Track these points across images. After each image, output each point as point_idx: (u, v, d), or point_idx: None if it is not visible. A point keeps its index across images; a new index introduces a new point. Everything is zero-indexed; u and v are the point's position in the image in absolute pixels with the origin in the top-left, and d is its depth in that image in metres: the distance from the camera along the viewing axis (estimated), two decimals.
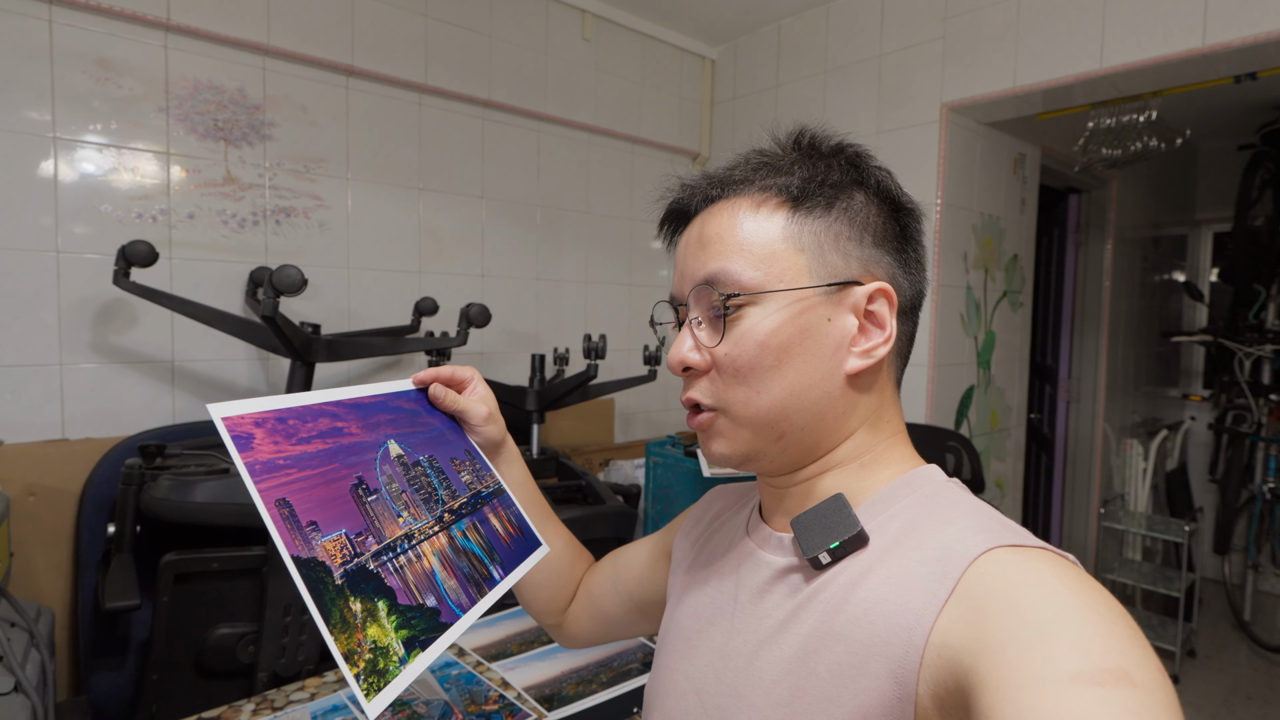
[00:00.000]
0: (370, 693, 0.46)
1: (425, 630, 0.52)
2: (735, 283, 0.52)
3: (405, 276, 1.96)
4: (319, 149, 1.79)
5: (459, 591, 0.56)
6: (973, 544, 0.43)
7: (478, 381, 0.72)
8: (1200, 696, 2.64)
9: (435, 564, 0.57)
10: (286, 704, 1.02)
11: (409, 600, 0.52)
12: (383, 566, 0.53)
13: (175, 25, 1.56)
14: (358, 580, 0.50)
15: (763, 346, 0.51)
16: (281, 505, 0.50)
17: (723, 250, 0.53)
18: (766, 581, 0.54)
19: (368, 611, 0.49)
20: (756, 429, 0.53)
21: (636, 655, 1.20)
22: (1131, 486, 3.22)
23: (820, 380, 0.52)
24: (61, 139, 1.47)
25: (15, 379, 1.45)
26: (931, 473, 0.53)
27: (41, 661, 1.12)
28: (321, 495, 0.53)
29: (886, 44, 2.16)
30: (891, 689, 0.42)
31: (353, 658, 0.46)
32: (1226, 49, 1.59)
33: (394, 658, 0.48)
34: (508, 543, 0.65)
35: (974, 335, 2.29)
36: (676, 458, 1.75)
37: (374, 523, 0.55)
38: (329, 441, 0.56)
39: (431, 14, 1.95)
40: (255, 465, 0.50)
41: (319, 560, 0.49)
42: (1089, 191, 3.14)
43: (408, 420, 0.65)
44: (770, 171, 0.54)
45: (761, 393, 0.52)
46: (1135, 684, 0.33)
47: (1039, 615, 0.36)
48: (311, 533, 0.50)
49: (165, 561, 1.21)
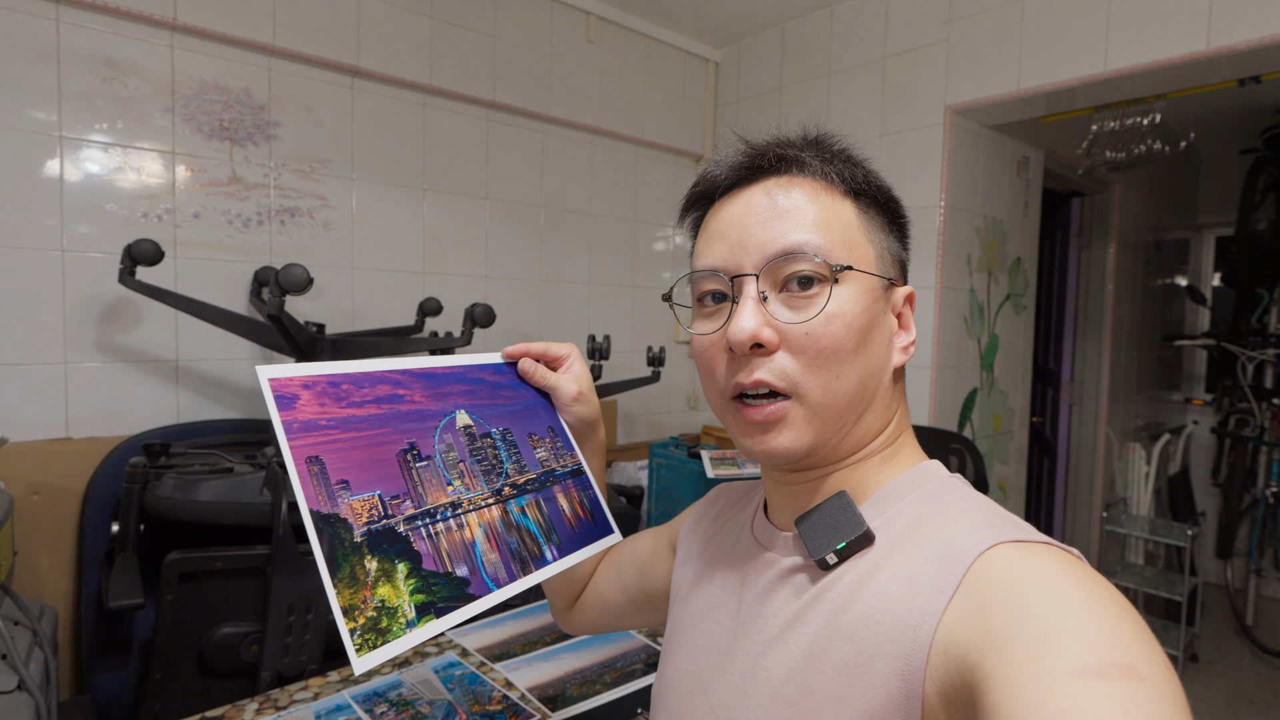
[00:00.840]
0: (363, 649, 0.45)
1: (446, 598, 0.51)
2: (825, 258, 0.49)
3: (409, 277, 1.96)
4: (324, 149, 1.80)
5: (498, 566, 0.55)
6: (977, 540, 0.43)
7: (574, 359, 0.71)
8: (1203, 701, 2.63)
9: (479, 535, 0.56)
10: (290, 703, 1.02)
11: (435, 567, 0.51)
12: (414, 530, 0.52)
13: (181, 25, 1.57)
14: (380, 540, 0.49)
15: (849, 328, 0.49)
16: (312, 462, 0.49)
17: (804, 223, 0.50)
18: (772, 581, 0.53)
19: (384, 571, 0.48)
20: (830, 418, 0.50)
21: (640, 656, 1.20)
22: (1134, 490, 3.22)
23: (879, 371, 0.52)
24: (67, 138, 1.47)
25: (20, 378, 1.45)
26: (934, 468, 0.54)
27: (45, 660, 1.12)
28: (361, 457, 0.52)
29: (890, 47, 2.17)
30: (898, 687, 0.42)
31: (352, 613, 0.46)
32: (1230, 52, 1.59)
33: (401, 619, 0.48)
34: (573, 524, 0.64)
35: (977, 338, 2.29)
36: (680, 459, 1.74)
37: (416, 488, 0.54)
38: (384, 407, 0.56)
39: (436, 15, 1.96)
40: (293, 424, 0.50)
41: (340, 517, 0.48)
42: (1092, 195, 3.14)
43: (488, 392, 0.65)
44: (826, 159, 0.54)
45: (842, 377, 0.49)
46: (1142, 678, 0.32)
47: (1044, 610, 0.36)
48: (339, 490, 0.50)
49: (169, 560, 1.21)
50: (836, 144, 0.56)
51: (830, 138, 0.56)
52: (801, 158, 0.53)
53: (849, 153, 0.56)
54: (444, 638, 1.25)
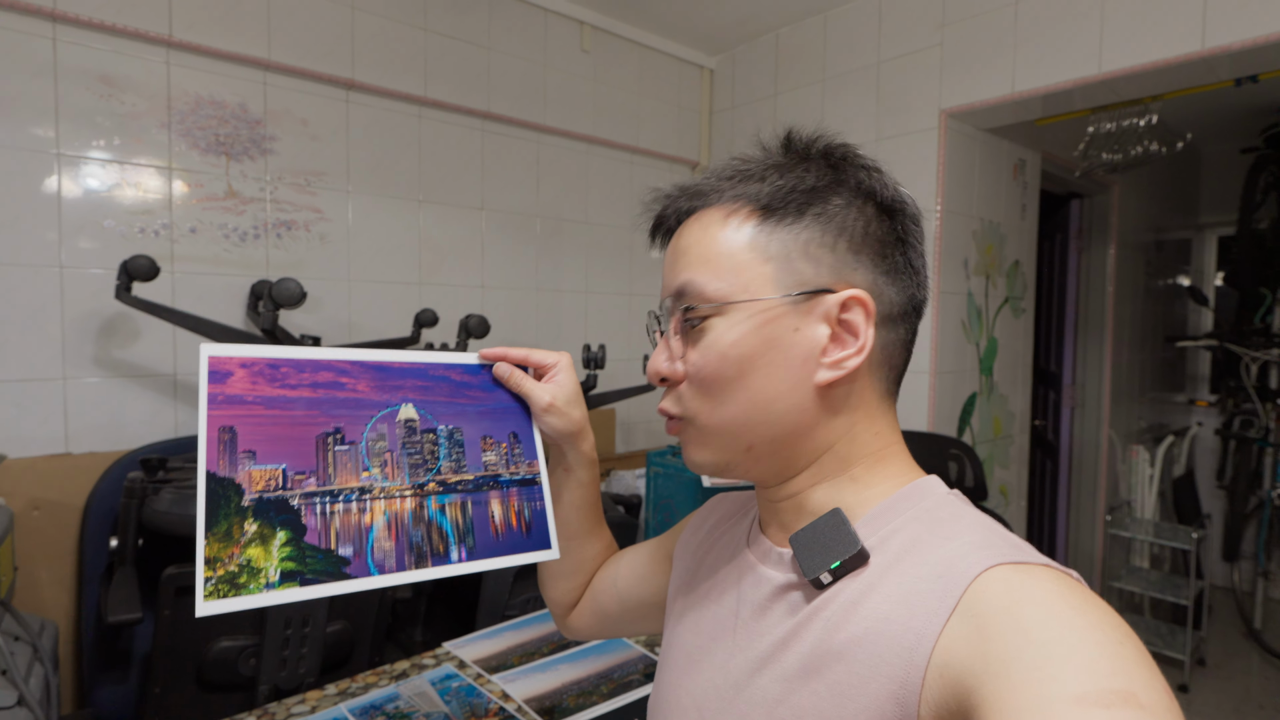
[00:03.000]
0: (212, 595, 0.49)
1: (317, 572, 0.53)
2: (700, 294, 0.52)
3: (405, 288, 1.97)
4: (319, 162, 1.81)
5: (389, 554, 0.57)
6: (975, 561, 0.42)
7: (560, 370, 0.69)
8: (1210, 705, 2.61)
9: (379, 522, 0.58)
10: (288, 716, 1.02)
11: (317, 541, 0.54)
12: (309, 505, 0.55)
13: (177, 41, 1.58)
14: (268, 508, 0.53)
15: (724, 358, 0.51)
16: (224, 431, 0.53)
17: (690, 262, 0.53)
18: (766, 598, 0.53)
19: (261, 535, 0.52)
20: (721, 440, 0.53)
21: (638, 667, 1.20)
22: (1138, 493, 3.20)
23: (787, 392, 0.51)
24: (65, 155, 1.49)
25: (19, 393, 1.46)
26: (932, 485, 0.52)
27: (45, 675, 1.12)
28: (277, 433, 0.55)
29: (884, 52, 2.17)
30: (893, 709, 0.41)
31: (214, 563, 0.49)
32: (1226, 52, 1.59)
33: (262, 579, 0.51)
34: (498, 532, 0.64)
35: (976, 342, 2.28)
36: (677, 467, 1.74)
37: (327, 468, 0.56)
38: (319, 392, 0.58)
39: (431, 27, 1.97)
40: (218, 396, 0.54)
41: (234, 481, 0.52)
42: (1090, 196, 3.13)
43: (449, 390, 0.65)
44: (743, 180, 0.53)
45: (724, 404, 0.52)
46: (1142, 705, 0.32)
47: (1043, 635, 0.36)
48: (243, 459, 0.53)
49: (167, 575, 1.21)
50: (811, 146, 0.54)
51: (809, 139, 0.55)
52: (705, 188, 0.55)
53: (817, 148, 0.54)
54: (441, 649, 1.25)
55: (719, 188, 0.54)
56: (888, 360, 0.53)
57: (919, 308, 0.55)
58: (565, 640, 1.29)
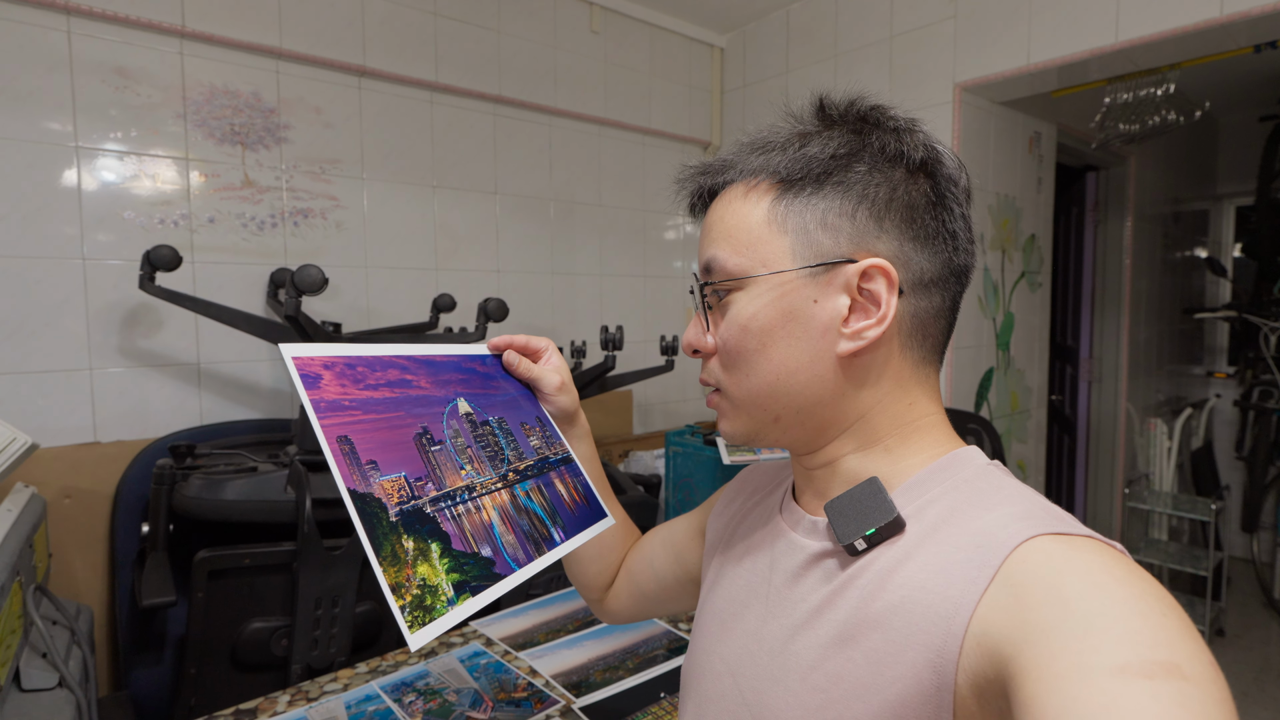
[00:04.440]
0: (414, 625, 0.47)
1: (477, 577, 0.52)
2: (722, 270, 0.53)
3: (422, 274, 1.98)
4: (334, 150, 1.81)
5: (516, 547, 0.57)
6: (1015, 530, 0.41)
7: (551, 352, 0.73)
8: (1230, 675, 2.61)
9: (495, 517, 0.57)
10: (320, 695, 1.04)
11: (463, 547, 0.53)
12: (440, 512, 0.54)
13: (190, 32, 1.58)
14: (413, 521, 0.51)
15: (745, 331, 0.52)
16: (343, 442, 0.51)
17: (714, 238, 0.54)
18: (801, 565, 0.53)
19: (420, 550, 0.50)
20: (750, 410, 0.54)
21: (662, 642, 1.21)
22: (1156, 466, 3.18)
23: (809, 363, 0.51)
24: (83, 148, 1.50)
25: (47, 385, 1.48)
26: (971, 455, 0.51)
27: (83, 658, 1.15)
28: (384, 438, 0.54)
29: (897, 25, 2.14)
30: (930, 678, 0.41)
31: (400, 590, 0.47)
32: (1245, 18, 1.56)
33: (442, 597, 0.49)
34: (572, 509, 0.66)
35: (992, 317, 2.27)
36: (696, 446, 1.75)
37: (435, 471, 0.56)
38: (396, 391, 0.58)
39: (440, 12, 1.96)
40: (320, 403, 0.52)
41: (375, 496, 0.50)
42: (1107, 169, 3.09)
43: (480, 382, 0.66)
44: (764, 152, 0.53)
45: (749, 375, 0.53)
46: (1186, 677, 0.31)
47: (1085, 605, 0.35)
48: (370, 471, 0.51)
49: (199, 559, 1.24)
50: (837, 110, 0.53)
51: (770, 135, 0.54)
52: (725, 163, 0.56)
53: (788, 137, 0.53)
54: (469, 628, 1.27)
55: (742, 162, 0.55)
56: (920, 329, 0.52)
57: (961, 273, 0.53)
58: (590, 617, 1.30)
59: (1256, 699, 2.46)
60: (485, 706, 1.01)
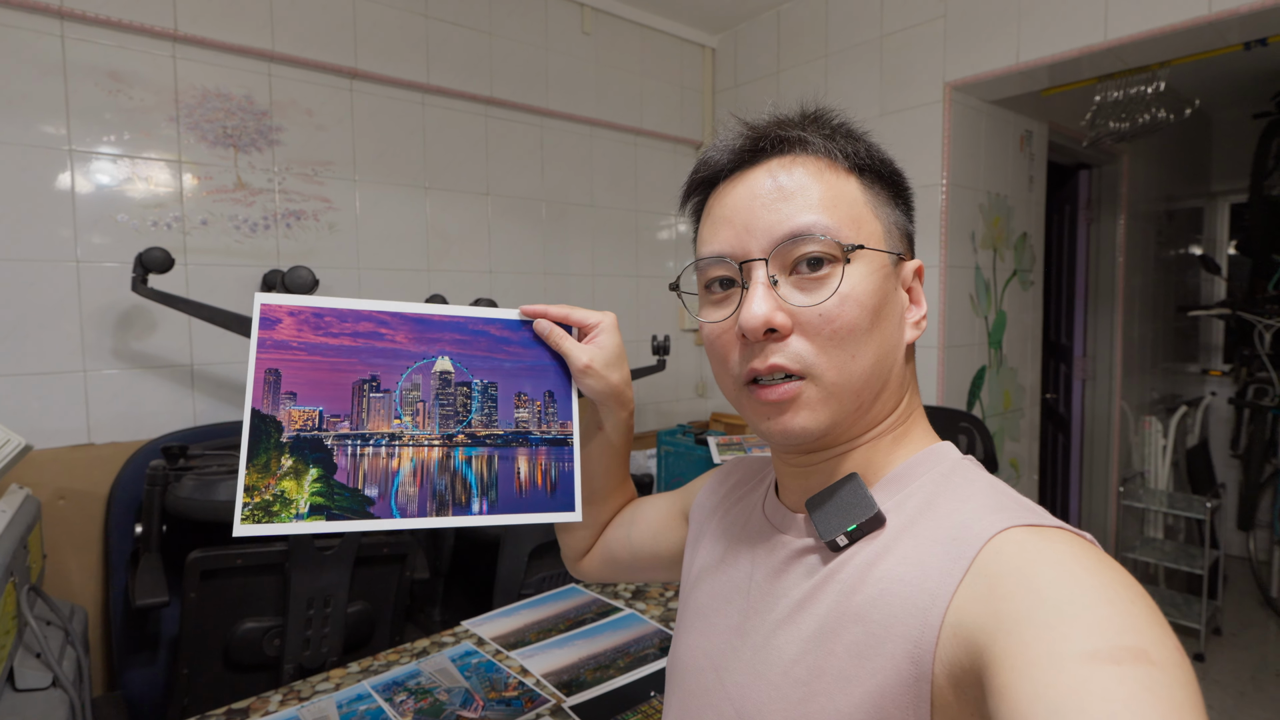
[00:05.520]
0: (247, 520, 0.53)
1: (343, 509, 0.56)
2: (834, 236, 0.49)
3: (414, 275, 1.99)
4: (326, 152, 1.82)
5: (411, 499, 0.59)
6: (989, 523, 0.43)
7: (602, 331, 0.67)
8: (1227, 674, 2.62)
9: (406, 467, 0.60)
10: (312, 694, 1.05)
11: (346, 480, 0.57)
12: (341, 447, 0.58)
13: (182, 35, 1.59)
14: (303, 445, 0.57)
15: (863, 307, 0.49)
16: (270, 373, 0.57)
17: (812, 204, 0.49)
18: (783, 561, 0.54)
19: (295, 470, 0.56)
20: (846, 398, 0.49)
21: (653, 641, 1.22)
22: (1151, 464, 3.19)
23: (893, 349, 0.52)
24: (77, 151, 1.50)
25: (42, 386, 1.49)
26: (947, 450, 0.53)
27: (77, 658, 1.16)
28: (317, 377, 0.58)
29: (887, 25, 2.15)
30: (908, 668, 0.42)
31: (251, 491, 0.54)
32: (1234, 15, 1.57)
33: (292, 509, 0.55)
34: (522, 488, 0.64)
35: (984, 315, 2.28)
36: (688, 446, 1.76)
37: (360, 413, 0.59)
38: (359, 341, 0.61)
39: (432, 14, 1.97)
40: (267, 341, 0.58)
41: (275, 419, 0.56)
42: (1099, 166, 3.10)
43: (487, 345, 0.65)
44: (828, 135, 0.53)
45: (857, 357, 0.49)
46: (1153, 662, 0.32)
47: (1055, 594, 0.36)
48: (285, 399, 0.57)
49: (191, 559, 1.24)
50: (835, 119, 0.55)
51: (828, 113, 0.55)
52: (804, 137, 0.52)
53: (849, 127, 0.55)
54: (460, 627, 1.27)
55: (809, 138, 0.52)
56: None
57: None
58: (581, 617, 1.31)
59: (1254, 698, 2.46)
60: (476, 706, 1.02)
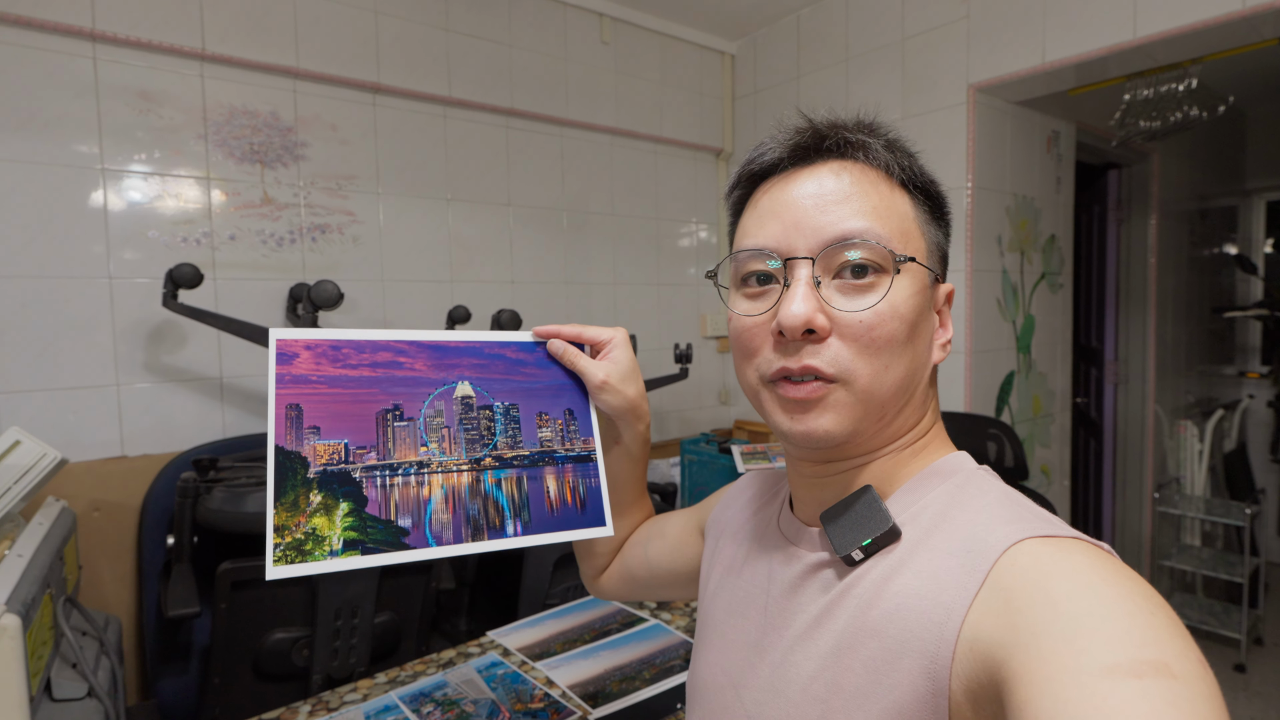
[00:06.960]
0: (279, 561, 0.51)
1: (379, 541, 0.55)
2: (885, 245, 0.49)
3: (437, 286, 2.00)
4: (350, 166, 1.84)
5: (446, 526, 0.58)
6: (1003, 535, 0.42)
7: (616, 346, 0.68)
8: (1270, 685, 2.54)
9: (437, 494, 0.59)
10: (340, 705, 1.05)
11: (378, 513, 0.56)
12: (370, 478, 0.57)
13: (210, 55, 1.62)
14: (331, 480, 0.56)
15: (903, 320, 0.49)
16: (291, 408, 0.56)
17: (866, 210, 0.49)
18: (798, 576, 0.53)
19: (325, 506, 0.54)
20: (873, 407, 0.49)
21: (679, 652, 1.21)
22: (1187, 469, 3.11)
23: (922, 366, 0.52)
24: (109, 170, 1.54)
25: (76, 401, 1.52)
26: (962, 460, 0.53)
27: (112, 668, 1.18)
28: (340, 410, 0.58)
29: (908, 27, 2.13)
30: (925, 684, 0.41)
31: (281, 531, 0.52)
32: (1270, 9, 1.53)
33: (325, 547, 0.53)
34: (553, 507, 0.64)
35: (1012, 320, 2.24)
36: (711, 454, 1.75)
37: (387, 443, 0.59)
38: (379, 371, 0.61)
39: (452, 28, 1.99)
40: (285, 376, 0.57)
41: (300, 455, 0.55)
42: (1129, 166, 3.04)
43: (504, 368, 0.66)
44: (886, 147, 0.53)
45: (890, 368, 0.49)
46: (1175, 675, 0.31)
47: (1073, 606, 0.35)
48: (308, 434, 0.56)
49: (222, 570, 1.26)
50: (890, 132, 0.55)
51: (882, 125, 0.55)
52: (867, 142, 0.51)
53: (902, 143, 0.54)
54: (485, 638, 1.27)
55: (866, 143, 0.51)
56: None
57: None
58: (606, 627, 1.30)
59: None
60: (502, 717, 1.02)
